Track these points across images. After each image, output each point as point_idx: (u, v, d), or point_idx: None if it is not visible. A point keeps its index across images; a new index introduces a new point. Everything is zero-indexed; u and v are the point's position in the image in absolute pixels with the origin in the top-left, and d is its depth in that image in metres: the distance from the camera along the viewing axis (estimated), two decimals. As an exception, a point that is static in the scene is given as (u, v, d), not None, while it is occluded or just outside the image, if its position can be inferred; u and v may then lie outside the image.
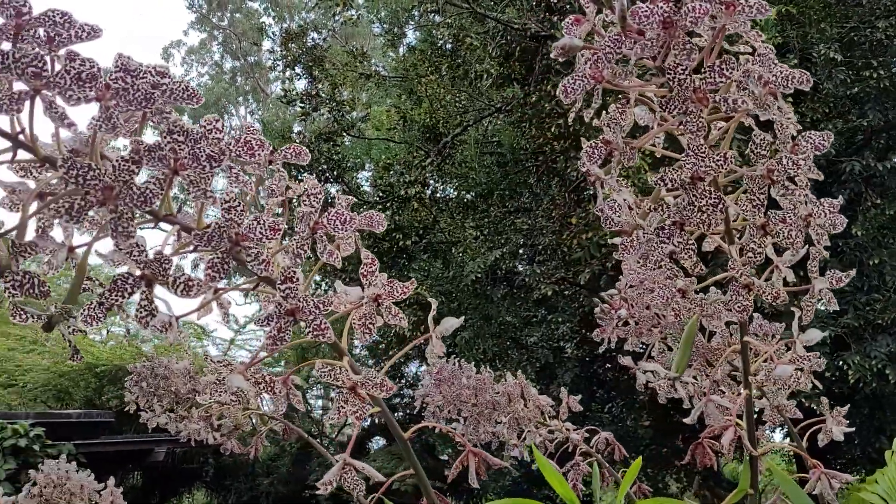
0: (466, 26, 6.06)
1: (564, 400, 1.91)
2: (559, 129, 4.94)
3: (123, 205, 0.62)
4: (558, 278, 5.39)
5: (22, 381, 10.18)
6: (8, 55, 0.57)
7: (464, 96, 6.71)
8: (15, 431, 5.77)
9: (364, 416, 0.81)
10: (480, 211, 6.49)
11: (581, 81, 0.71)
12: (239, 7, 20.44)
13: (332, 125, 6.78)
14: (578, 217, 4.95)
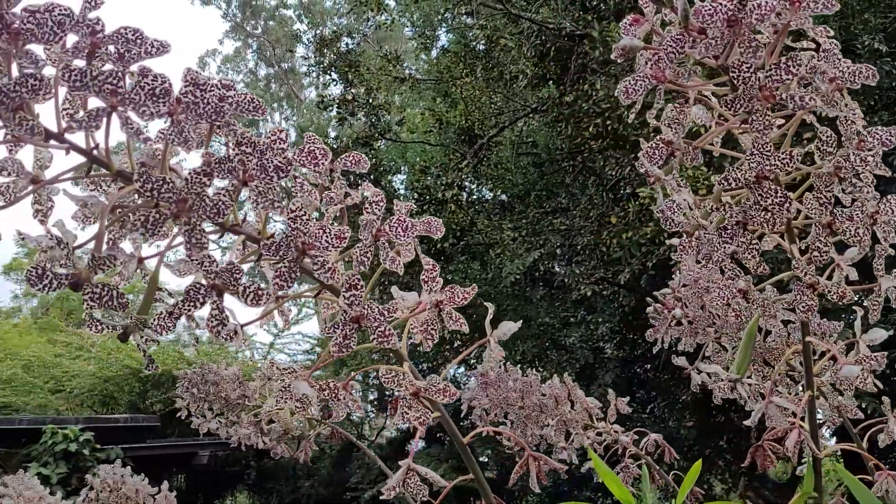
0: (500, 27, 6.06)
1: (612, 402, 1.90)
2: (597, 129, 4.91)
3: (196, 217, 0.63)
4: (597, 278, 5.35)
5: (69, 386, 10.41)
6: (86, 73, 0.58)
7: (499, 97, 6.70)
8: (65, 436, 5.90)
9: (427, 421, 0.81)
10: (517, 212, 6.47)
11: (642, 82, 0.71)
12: (272, 15, 20.68)
13: (369, 129, 6.82)
14: (617, 216, 4.91)
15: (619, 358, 5.91)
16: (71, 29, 0.59)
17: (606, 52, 4.84)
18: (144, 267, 0.75)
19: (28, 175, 0.68)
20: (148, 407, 9.81)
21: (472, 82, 6.57)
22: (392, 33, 12.67)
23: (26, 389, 9.99)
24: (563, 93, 5.57)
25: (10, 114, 0.57)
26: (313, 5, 19.84)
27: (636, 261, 4.70)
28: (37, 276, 0.60)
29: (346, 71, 6.95)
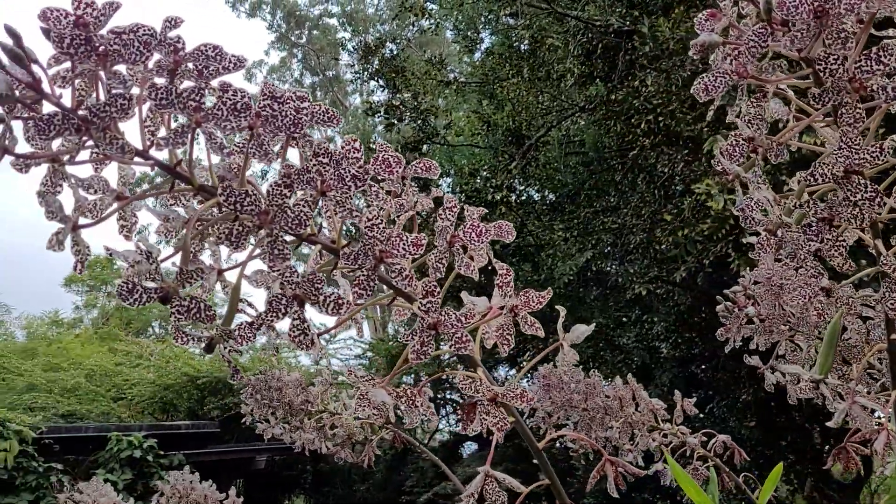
0: (545, 27, 6.02)
1: (678, 403, 1.86)
2: (648, 125, 4.84)
3: (279, 228, 0.64)
4: (652, 277, 5.27)
5: (130, 394, 10.68)
6: (171, 91, 0.59)
7: (546, 97, 6.66)
8: (130, 443, 6.06)
9: (506, 426, 0.80)
10: (568, 212, 6.42)
11: (723, 78, 0.69)
12: (316, 24, 20.94)
13: (417, 134, 6.85)
14: (671, 213, 4.83)
15: (675, 357, 5.81)
16: (155, 49, 0.61)
17: (656, 47, 4.77)
18: (224, 279, 0.76)
19: (113, 192, 0.70)
20: (206, 413, 10.01)
21: (518, 83, 6.55)
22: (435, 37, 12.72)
23: (90, 398, 10.28)
24: (611, 90, 5.51)
25: (101, 133, 0.58)
26: (356, 13, 20.04)
27: (692, 258, 4.61)
28: (127, 291, 0.62)
29: (392, 77, 7.00)
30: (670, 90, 4.64)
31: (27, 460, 5.59)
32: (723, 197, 3.83)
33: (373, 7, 20.05)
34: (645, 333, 5.74)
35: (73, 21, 0.58)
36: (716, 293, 1.41)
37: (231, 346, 0.70)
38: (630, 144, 5.46)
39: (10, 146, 0.61)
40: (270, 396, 2.15)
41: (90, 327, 16.19)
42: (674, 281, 4.98)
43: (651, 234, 5.12)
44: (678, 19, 4.66)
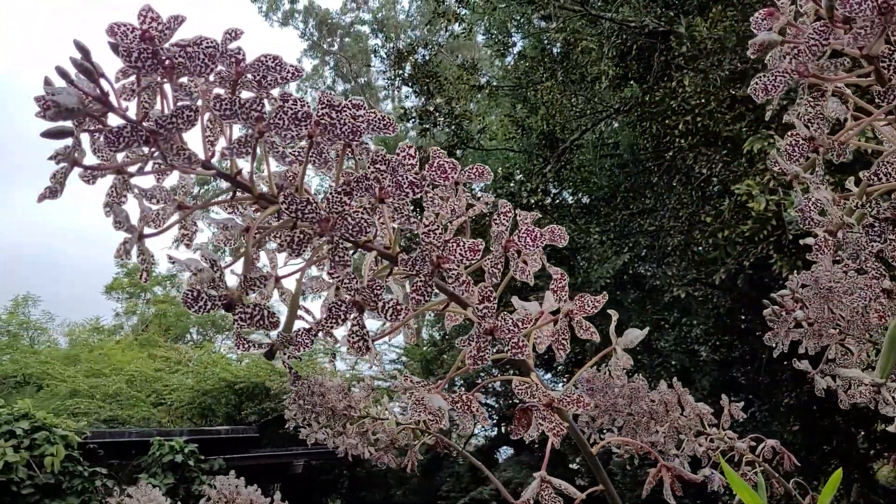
0: (579, 29, 6.00)
1: (726, 407, 1.84)
2: (686, 126, 4.79)
3: (339, 235, 0.64)
4: (690, 279, 5.21)
5: (169, 399, 10.83)
6: (234, 102, 0.60)
7: (579, 100, 6.63)
8: (172, 448, 6.14)
9: (563, 432, 0.80)
10: (603, 215, 6.38)
11: (782, 78, 0.68)
12: (348, 31, 21.10)
13: (452, 139, 6.86)
14: (709, 214, 4.77)
15: (715, 361, 5.73)
16: (218, 61, 0.62)
17: (693, 47, 4.72)
18: (281, 285, 0.77)
19: (175, 202, 0.71)
20: (243, 418, 10.11)
21: (551, 86, 6.52)
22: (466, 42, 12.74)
23: (130, 403, 10.45)
24: (646, 92, 5.46)
25: (167, 144, 0.59)
26: (387, 20, 20.16)
27: (732, 260, 4.55)
28: (192, 299, 0.63)
29: (425, 82, 7.02)
30: (708, 90, 4.58)
31: (73, 465, 5.70)
32: (764, 197, 3.77)
33: (403, 14, 20.15)
34: (683, 337, 5.67)
35: (140, 35, 0.60)
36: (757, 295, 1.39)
37: (291, 353, 0.71)
38: (666, 146, 5.40)
39: (79, 158, 0.63)
40: (313, 402, 2.16)
41: (130, 334, 16.48)
42: (713, 283, 4.91)
43: (689, 236, 5.06)
44: (715, 19, 4.61)
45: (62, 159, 0.61)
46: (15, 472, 5.31)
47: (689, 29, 4.72)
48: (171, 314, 16.69)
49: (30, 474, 5.42)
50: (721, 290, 5.18)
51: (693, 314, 5.56)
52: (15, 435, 5.46)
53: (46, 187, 0.62)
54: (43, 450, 5.44)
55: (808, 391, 4.75)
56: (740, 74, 4.60)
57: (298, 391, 2.21)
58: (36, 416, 5.66)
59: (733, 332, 5.56)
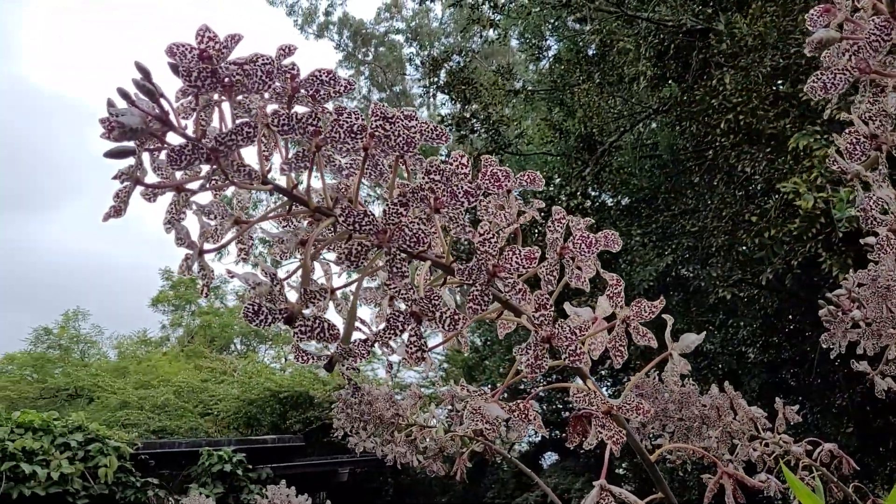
0: (615, 30, 5.95)
1: (780, 411, 1.80)
2: (728, 124, 4.71)
3: (397, 246, 0.64)
4: (736, 280, 5.12)
5: (216, 409, 10.98)
6: (292, 117, 0.61)
7: (617, 101, 6.57)
8: (220, 458, 6.23)
9: (622, 440, 0.79)
10: (644, 217, 6.31)
11: (842, 75, 0.67)
12: (382, 41, 21.25)
13: (489, 145, 6.87)
14: (754, 213, 4.68)
15: (763, 363, 5.62)
16: (275, 77, 0.62)
17: (734, 44, 4.65)
18: (336, 297, 0.78)
19: (232, 217, 0.72)
20: (288, 427, 10.21)
21: (588, 88, 6.48)
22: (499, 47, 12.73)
23: (178, 414, 10.61)
24: (685, 91, 5.39)
25: (228, 161, 0.60)
26: (421, 28, 20.25)
27: (779, 260, 4.45)
28: (253, 313, 0.63)
29: (461, 89, 7.03)
30: (750, 87, 4.50)
31: (126, 475, 5.81)
32: (812, 195, 3.69)
33: (437, 21, 20.22)
34: (730, 339, 5.57)
35: (198, 55, 0.61)
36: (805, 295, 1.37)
37: (350, 364, 0.71)
38: (707, 145, 5.32)
39: (141, 177, 0.64)
40: (361, 410, 2.17)
41: (176, 345, 16.76)
42: (760, 283, 4.82)
43: (733, 236, 4.98)
44: (755, 14, 4.53)
45: (126, 178, 0.62)
46: (70, 484, 5.44)
47: (729, 26, 4.65)
48: (215, 325, 16.96)
49: (84, 485, 5.54)
50: (768, 290, 5.08)
51: (739, 315, 5.46)
52: (70, 447, 5.59)
53: (111, 206, 0.63)
54: (97, 461, 5.56)
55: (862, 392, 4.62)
56: (782, 70, 4.52)
57: (346, 400, 2.23)
58: (89, 429, 5.79)
59: (782, 332, 5.45)
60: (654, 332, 0.92)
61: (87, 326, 15.75)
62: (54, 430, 5.61)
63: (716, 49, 4.79)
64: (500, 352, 8.94)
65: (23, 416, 5.61)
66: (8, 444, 5.26)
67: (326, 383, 10.35)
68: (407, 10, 20.77)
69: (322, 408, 9.65)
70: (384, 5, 21.12)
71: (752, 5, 4.59)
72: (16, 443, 5.29)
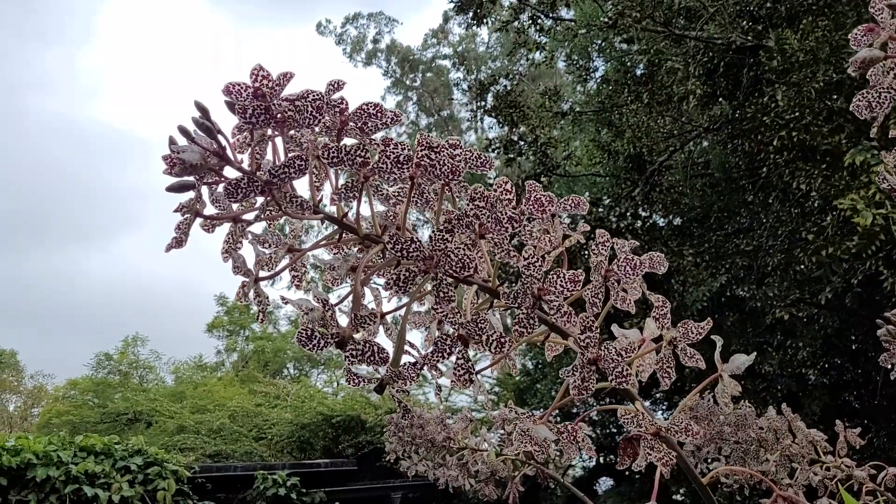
0: (663, 49, 5.92)
1: (841, 433, 1.76)
2: (781, 141, 4.63)
3: (443, 272, 0.66)
4: (793, 300, 4.99)
5: (270, 434, 11.10)
6: (341, 150, 0.64)
7: (667, 120, 6.52)
8: (275, 482, 6.30)
9: (672, 462, 0.79)
10: (697, 236, 6.21)
11: (887, 94, 0.67)
12: (429, 66, 21.50)
13: (538, 167, 6.88)
14: (810, 231, 4.57)
15: (825, 385, 5.45)
16: (325, 111, 0.65)
17: (785, 60, 4.58)
18: (385, 322, 0.80)
19: (285, 245, 0.75)
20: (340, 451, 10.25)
21: (637, 108, 6.45)
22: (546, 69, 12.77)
23: (234, 438, 10.76)
24: (735, 108, 5.32)
25: (282, 193, 0.63)
26: (467, 52, 20.45)
27: (838, 278, 4.33)
28: (307, 337, 0.66)
29: (508, 112, 7.07)
30: (803, 103, 4.42)
31: (183, 499, 5.92)
32: (870, 212, 3.60)
33: (483, 46, 20.39)
34: (789, 360, 5.42)
35: (252, 92, 0.64)
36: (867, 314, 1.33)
37: (399, 387, 0.73)
38: (761, 163, 5.23)
39: (200, 209, 0.67)
40: (413, 434, 2.19)
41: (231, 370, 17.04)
42: (819, 303, 4.69)
43: (790, 255, 4.86)
44: (806, 30, 4.46)
45: (186, 211, 0.65)
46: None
47: (780, 42, 4.59)
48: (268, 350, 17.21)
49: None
50: (828, 309, 4.94)
51: (798, 336, 5.32)
52: (130, 470, 5.73)
53: (173, 237, 0.66)
54: (156, 484, 5.68)
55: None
56: (836, 85, 4.43)
57: (398, 424, 2.24)
58: (148, 452, 5.93)
59: (843, 353, 5.29)
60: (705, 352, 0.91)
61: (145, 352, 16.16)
62: (115, 454, 5.76)
63: (766, 66, 4.73)
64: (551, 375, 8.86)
65: (85, 440, 5.77)
66: (71, 467, 5.42)
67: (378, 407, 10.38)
68: (454, 35, 21.01)
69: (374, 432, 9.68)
70: (431, 31, 21.42)
71: (802, 21, 4.52)
72: (78, 466, 5.45)
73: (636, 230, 6.28)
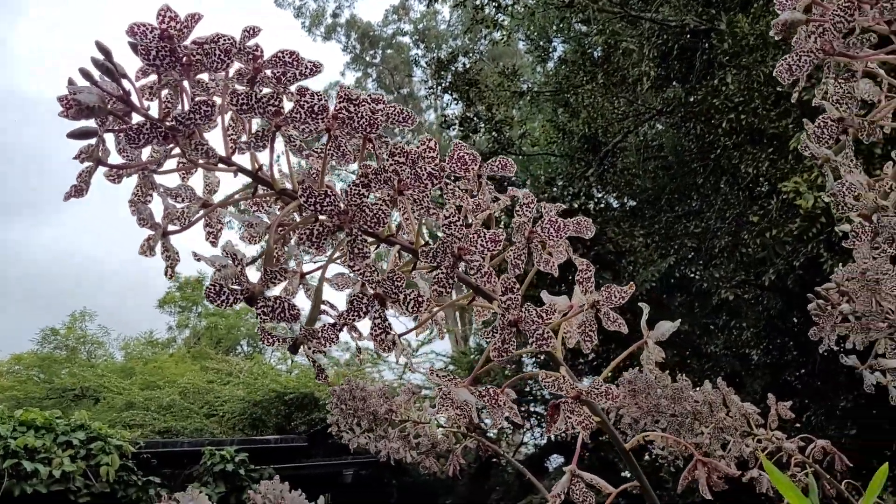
0: (619, 31, 5.94)
1: (772, 407, 1.79)
2: (730, 125, 4.70)
3: (357, 227, 0.64)
4: (739, 281, 5.10)
5: (221, 410, 10.99)
6: (251, 97, 0.61)
7: (621, 102, 6.57)
8: (223, 457, 6.24)
9: (592, 425, 0.79)
10: (648, 218, 6.29)
11: (807, 57, 0.66)
12: (390, 43, 21.29)
13: (492, 145, 6.87)
14: (757, 214, 4.66)
15: (767, 364, 5.59)
16: (235, 57, 0.62)
17: (735, 44, 4.64)
18: (306, 282, 0.78)
19: (199, 200, 0.72)
20: (293, 428, 10.21)
21: (592, 89, 6.47)
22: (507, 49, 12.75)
23: (184, 415, 10.63)
24: (689, 91, 5.37)
25: (187, 141, 0.60)
26: (428, 30, 20.29)
27: (781, 260, 4.43)
28: (215, 293, 0.63)
29: (465, 90, 7.04)
30: (752, 87, 4.49)
31: (127, 474, 5.84)
32: (812, 194, 3.68)
33: (444, 23, 20.26)
34: (734, 340, 5.55)
35: (159, 34, 0.61)
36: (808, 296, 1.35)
37: (315, 347, 0.71)
38: (711, 146, 5.30)
39: (103, 157, 0.64)
40: (355, 406, 2.17)
41: (183, 347, 16.79)
42: (763, 284, 4.80)
43: (737, 237, 4.95)
44: (757, 14, 4.52)
45: (86, 158, 0.62)
46: (72, 482, 5.46)
47: (731, 26, 4.64)
48: (221, 327, 16.99)
49: (86, 483, 5.56)
50: (771, 291, 5.06)
51: (743, 317, 5.44)
52: (72, 445, 5.62)
53: (72, 186, 0.63)
54: (98, 459, 5.59)
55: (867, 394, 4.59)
56: (785, 70, 4.47)
57: (341, 396, 2.23)
58: (92, 427, 5.82)
59: (785, 334, 5.43)
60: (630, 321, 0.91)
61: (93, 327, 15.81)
62: (57, 429, 5.64)
63: (718, 49, 4.78)
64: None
65: (25, 415, 5.64)
66: (10, 441, 5.29)
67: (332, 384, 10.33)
68: (414, 12, 20.82)
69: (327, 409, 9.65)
70: (392, 7, 21.18)
71: (753, 5, 4.58)
72: (18, 440, 5.32)
73: (589, 210, 6.34)
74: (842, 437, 5.24)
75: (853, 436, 5.31)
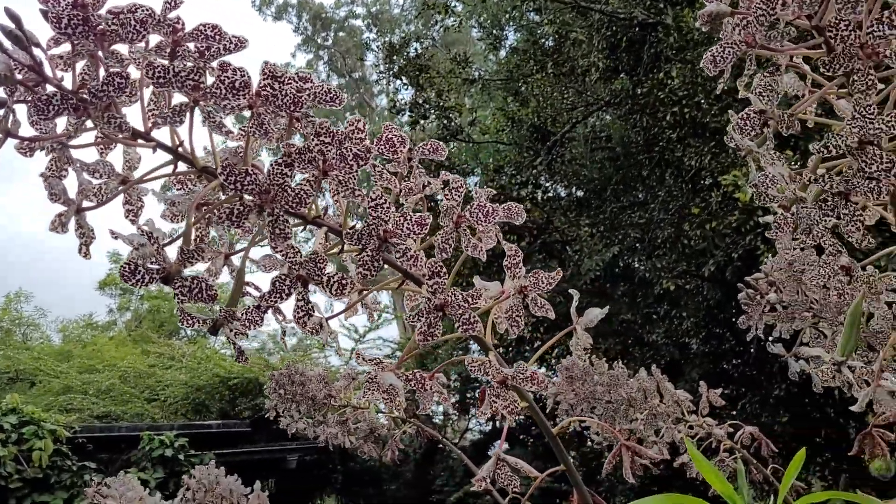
0: (569, 21, 5.98)
1: (704, 394, 1.84)
2: (674, 118, 4.78)
3: (279, 207, 0.63)
4: (680, 272, 5.21)
5: (163, 395, 10.79)
6: (169, 70, 0.59)
7: (570, 93, 6.62)
8: (161, 442, 6.14)
9: (517, 410, 0.79)
10: (594, 208, 6.37)
11: (731, 49, 0.67)
12: (342, 26, 21.04)
13: (441, 131, 6.86)
14: (698, 206, 4.76)
15: (705, 353, 5.73)
16: (153, 28, 0.60)
17: (681, 38, 4.71)
18: (231, 263, 0.76)
19: (118, 176, 0.70)
20: (237, 414, 10.08)
21: (542, 79, 6.51)
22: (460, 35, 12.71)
23: (124, 399, 10.41)
24: (636, 84, 5.45)
25: (100, 113, 0.58)
26: (381, 14, 20.11)
27: (720, 252, 4.54)
28: (130, 272, 0.62)
29: (416, 75, 7.00)
30: (696, 81, 4.58)
31: (61, 459, 5.69)
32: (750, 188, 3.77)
33: (398, 8, 20.10)
34: (674, 329, 5.68)
35: (72, 1, 0.59)
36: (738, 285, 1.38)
37: (236, 329, 0.70)
38: (656, 138, 5.39)
39: (12, 129, 0.61)
40: (294, 391, 2.15)
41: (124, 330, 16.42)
42: (702, 275, 4.91)
43: (679, 229, 5.06)
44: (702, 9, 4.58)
45: (-7, 129, 0.60)
46: (3, 467, 5.30)
47: (677, 20, 4.71)
48: (164, 310, 16.64)
49: (18, 468, 5.41)
50: (710, 282, 5.18)
51: (683, 307, 5.57)
52: (3, 429, 5.45)
53: (-22, 158, 0.61)
54: (31, 444, 5.43)
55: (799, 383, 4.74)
56: (729, 66, 4.56)
57: (279, 380, 2.21)
58: (24, 411, 5.65)
59: (723, 324, 5.57)
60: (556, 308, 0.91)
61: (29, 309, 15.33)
62: (-13, 413, 5.47)
63: (665, 43, 4.85)
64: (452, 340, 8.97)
65: (-47, 398, 5.46)
66: (-63, 426, 5.11)
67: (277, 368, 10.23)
68: (367, -6, 20.60)
69: (265, 395, 9.54)
70: (344, -11, 20.91)
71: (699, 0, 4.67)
72: (-54, 425, 5.15)
73: (537, 200, 6.38)
74: (774, 424, 5.41)
75: (785, 423, 5.49)
